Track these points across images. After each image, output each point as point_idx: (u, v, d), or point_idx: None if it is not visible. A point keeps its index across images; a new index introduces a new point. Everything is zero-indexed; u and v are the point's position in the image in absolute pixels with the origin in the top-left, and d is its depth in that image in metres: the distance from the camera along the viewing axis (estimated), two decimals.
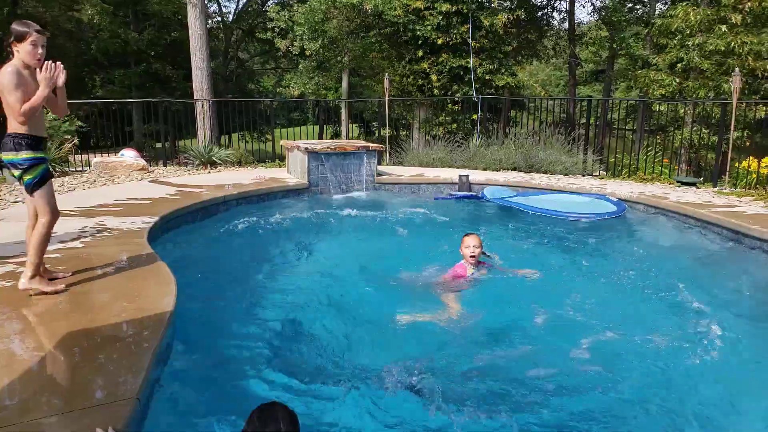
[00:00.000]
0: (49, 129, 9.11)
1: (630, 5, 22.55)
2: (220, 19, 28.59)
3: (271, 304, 4.23)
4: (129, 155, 9.59)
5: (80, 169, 9.61)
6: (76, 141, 9.61)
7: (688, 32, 13.56)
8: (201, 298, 4.15)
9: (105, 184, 8.08)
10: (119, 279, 3.76)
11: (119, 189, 7.55)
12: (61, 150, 9.14)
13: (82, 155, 10.28)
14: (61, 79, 3.35)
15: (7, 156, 3.35)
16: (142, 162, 9.42)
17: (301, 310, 4.09)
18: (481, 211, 7.68)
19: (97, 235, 4.89)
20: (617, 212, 7.05)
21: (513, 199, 7.71)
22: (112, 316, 3.15)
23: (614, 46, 21.46)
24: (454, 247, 4.79)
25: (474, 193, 8.26)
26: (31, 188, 3.39)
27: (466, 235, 4.64)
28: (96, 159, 9.35)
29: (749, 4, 12.44)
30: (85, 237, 4.82)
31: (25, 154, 3.32)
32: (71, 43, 23.28)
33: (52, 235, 4.83)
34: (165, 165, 10.65)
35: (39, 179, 3.39)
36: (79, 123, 9.99)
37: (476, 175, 8.99)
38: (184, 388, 2.85)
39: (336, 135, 23.93)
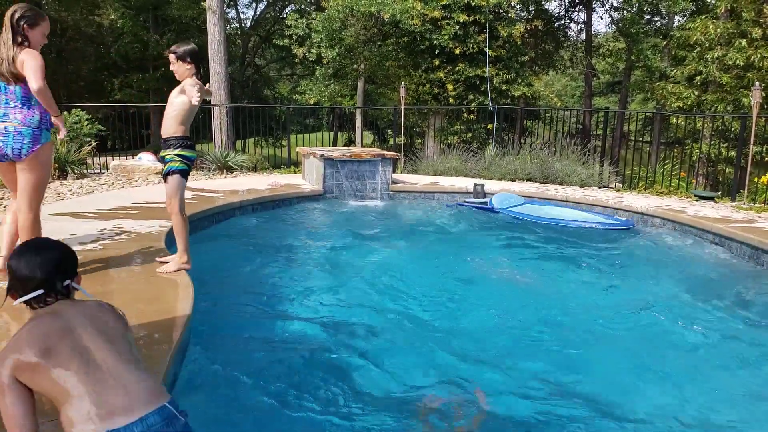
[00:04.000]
0: (71, 132, 9.26)
1: (648, 17, 22.46)
2: (238, 25, 28.92)
3: (283, 311, 4.24)
4: (146, 159, 9.69)
5: (98, 171, 9.73)
6: (93, 143, 9.74)
7: (707, 45, 13.47)
8: (216, 302, 4.17)
9: (123, 187, 8.17)
10: (137, 281, 3.79)
11: (137, 192, 7.63)
12: (80, 152, 9.28)
13: (100, 158, 10.42)
14: None
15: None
16: (160, 165, 9.50)
17: (312, 318, 4.09)
18: (495, 222, 7.61)
19: (116, 237, 4.95)
20: (626, 224, 7.12)
21: (519, 209, 7.73)
22: (131, 318, 3.17)
23: (632, 57, 21.38)
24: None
25: (487, 200, 8.25)
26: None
27: None
28: (114, 162, 9.46)
29: None
30: (104, 239, 4.87)
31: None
32: (92, 47, 23.65)
33: (72, 236, 4.93)
34: None
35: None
36: (99, 126, 10.12)
37: (492, 185, 8.96)
38: (199, 392, 2.86)
39: (350, 142, 24.04)
